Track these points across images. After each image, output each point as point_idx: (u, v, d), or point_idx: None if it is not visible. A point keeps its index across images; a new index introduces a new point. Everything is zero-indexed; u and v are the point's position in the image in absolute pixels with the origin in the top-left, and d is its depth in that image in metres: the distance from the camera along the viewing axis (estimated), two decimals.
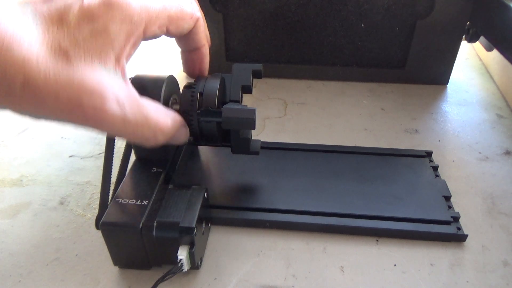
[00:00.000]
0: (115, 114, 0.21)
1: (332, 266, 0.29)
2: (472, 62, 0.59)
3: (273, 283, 0.27)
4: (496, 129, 0.44)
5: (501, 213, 0.33)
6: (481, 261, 0.29)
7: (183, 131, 0.28)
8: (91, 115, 0.20)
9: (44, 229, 0.32)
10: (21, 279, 0.28)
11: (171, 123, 0.26)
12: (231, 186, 0.34)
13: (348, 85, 0.52)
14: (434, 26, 0.47)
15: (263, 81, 0.52)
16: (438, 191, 0.33)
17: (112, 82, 0.21)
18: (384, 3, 0.46)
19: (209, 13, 0.48)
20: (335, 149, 0.38)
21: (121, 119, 0.22)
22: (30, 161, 0.39)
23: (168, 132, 0.25)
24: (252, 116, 0.28)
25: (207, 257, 0.29)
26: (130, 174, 0.30)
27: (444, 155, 0.39)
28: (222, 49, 0.51)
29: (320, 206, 0.32)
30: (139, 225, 0.26)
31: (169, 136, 0.26)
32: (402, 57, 0.50)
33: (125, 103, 0.22)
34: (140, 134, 0.23)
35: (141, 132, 0.23)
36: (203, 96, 0.28)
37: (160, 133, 0.25)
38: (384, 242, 0.30)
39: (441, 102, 0.49)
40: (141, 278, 0.28)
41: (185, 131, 0.28)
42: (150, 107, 0.24)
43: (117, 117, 0.21)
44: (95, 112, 0.20)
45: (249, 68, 0.30)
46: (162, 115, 0.25)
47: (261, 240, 0.31)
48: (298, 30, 0.49)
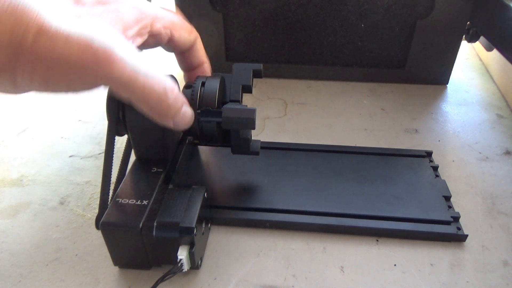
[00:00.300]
0: (124, 59, 0.21)
1: (332, 266, 0.29)
2: (472, 62, 0.59)
3: (273, 283, 0.27)
4: (496, 129, 0.44)
5: (501, 213, 0.33)
6: (481, 261, 0.29)
7: (189, 111, 0.27)
8: (101, 58, 0.20)
9: (44, 229, 0.32)
10: (21, 279, 0.28)
11: (177, 88, 0.25)
12: (231, 186, 0.34)
13: (348, 85, 0.52)
14: (434, 26, 0.47)
15: (263, 81, 0.52)
16: (438, 191, 0.33)
17: (121, 38, 0.22)
18: (384, 3, 0.46)
19: (209, 13, 0.48)
20: (335, 149, 0.38)
21: (131, 67, 0.21)
22: (30, 161, 0.39)
23: (177, 93, 0.25)
24: (252, 116, 0.28)
25: (207, 257, 0.29)
26: (130, 174, 0.30)
27: (444, 155, 0.39)
28: (222, 49, 0.51)
29: (320, 206, 0.32)
30: (139, 225, 0.26)
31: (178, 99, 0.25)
32: (402, 57, 0.50)
33: (134, 54, 0.22)
34: (150, 89, 0.23)
35: (151, 87, 0.23)
36: (203, 96, 0.28)
37: (170, 92, 0.24)
38: (384, 242, 0.30)
39: (441, 102, 0.49)
40: (141, 278, 0.28)
41: (190, 111, 0.27)
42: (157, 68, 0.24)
43: (127, 62, 0.21)
44: (105, 54, 0.20)
45: (249, 68, 0.30)
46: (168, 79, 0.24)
47: (261, 240, 0.31)
48: (298, 30, 0.49)
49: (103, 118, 0.45)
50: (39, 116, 0.46)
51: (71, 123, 0.45)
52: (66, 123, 0.45)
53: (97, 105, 0.48)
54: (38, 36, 0.19)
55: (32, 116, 0.46)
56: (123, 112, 0.29)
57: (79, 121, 0.45)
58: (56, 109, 0.47)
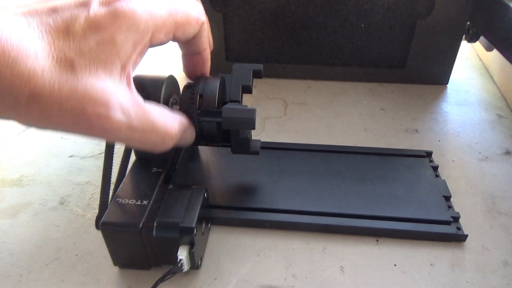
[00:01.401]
0: (120, 122, 0.21)
1: (332, 266, 0.29)
2: (472, 62, 0.59)
3: (273, 283, 0.27)
4: (496, 129, 0.44)
5: (501, 213, 0.33)
6: (481, 261, 0.29)
7: (190, 132, 0.27)
8: (96, 124, 0.20)
9: (44, 229, 0.32)
10: (21, 279, 0.28)
11: (178, 126, 0.25)
12: (231, 186, 0.34)
13: (348, 85, 0.52)
14: (434, 26, 0.47)
15: (263, 81, 0.52)
16: (438, 191, 0.33)
17: (117, 90, 0.21)
18: (384, 3, 0.46)
19: (209, 13, 0.48)
20: (335, 149, 0.38)
21: (126, 127, 0.21)
22: (30, 161, 0.39)
23: (176, 136, 0.25)
24: (252, 116, 0.28)
25: (207, 257, 0.29)
26: (130, 174, 0.30)
27: (444, 155, 0.39)
28: (222, 49, 0.51)
29: (320, 206, 0.32)
30: (139, 225, 0.26)
31: (177, 139, 0.25)
32: (402, 57, 0.50)
33: (130, 110, 0.22)
34: (148, 140, 0.23)
35: (149, 139, 0.23)
36: (203, 96, 0.28)
37: (168, 138, 0.24)
38: (384, 242, 0.30)
39: (441, 102, 0.49)
40: (141, 278, 0.28)
41: (191, 132, 0.28)
42: (156, 113, 0.24)
43: (123, 125, 0.21)
44: (99, 121, 0.20)
45: (249, 68, 0.30)
46: (169, 119, 0.25)
47: (261, 240, 0.31)
48: (298, 30, 0.49)
49: None
50: None
51: None
52: None
53: None
54: (30, 101, 0.19)
55: None
56: None
57: None
58: None
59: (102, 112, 0.20)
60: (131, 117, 0.22)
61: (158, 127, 0.24)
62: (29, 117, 0.19)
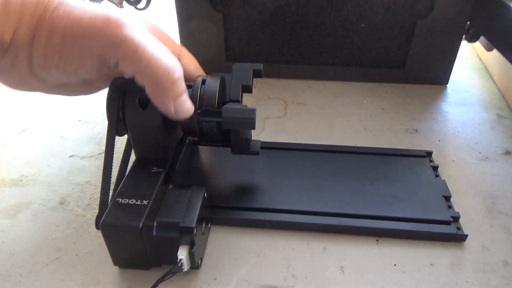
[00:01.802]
0: (135, 27, 0.24)
1: (332, 266, 0.29)
2: (472, 62, 0.59)
3: (273, 283, 0.27)
4: (496, 129, 0.44)
5: (501, 213, 0.33)
6: (481, 261, 0.29)
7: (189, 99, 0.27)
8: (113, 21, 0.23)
9: (44, 229, 0.32)
10: (21, 279, 0.28)
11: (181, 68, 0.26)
12: (231, 186, 0.34)
13: (348, 85, 0.52)
14: (434, 26, 0.47)
15: (263, 81, 0.52)
16: (438, 191, 0.33)
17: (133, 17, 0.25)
18: (384, 3, 0.46)
19: (209, 13, 0.48)
20: (335, 149, 0.38)
21: (141, 34, 0.24)
22: (30, 161, 0.39)
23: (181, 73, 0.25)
24: (252, 116, 0.28)
25: (207, 257, 0.29)
26: (130, 174, 0.30)
27: (444, 155, 0.39)
28: (222, 49, 0.51)
29: (320, 206, 0.32)
30: (139, 225, 0.26)
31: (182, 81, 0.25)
32: (402, 57, 0.50)
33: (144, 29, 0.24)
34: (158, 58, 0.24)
35: (159, 57, 0.24)
36: (203, 96, 0.28)
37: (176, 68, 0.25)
38: (384, 242, 0.30)
39: (441, 102, 0.49)
40: (141, 278, 0.28)
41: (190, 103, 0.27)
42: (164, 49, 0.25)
43: (138, 31, 0.24)
44: (117, 19, 0.23)
45: (249, 68, 0.30)
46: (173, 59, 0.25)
47: (261, 240, 0.31)
48: (298, 30, 0.49)
49: (103, 118, 0.45)
50: (39, 116, 0.46)
51: (71, 123, 0.45)
52: (66, 123, 0.45)
53: (97, 105, 0.48)
54: (59, 6, 0.23)
55: (32, 116, 0.46)
56: (123, 112, 0.29)
57: (79, 121, 0.45)
58: (56, 109, 0.47)
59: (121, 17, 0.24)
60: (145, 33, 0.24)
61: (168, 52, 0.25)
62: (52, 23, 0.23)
